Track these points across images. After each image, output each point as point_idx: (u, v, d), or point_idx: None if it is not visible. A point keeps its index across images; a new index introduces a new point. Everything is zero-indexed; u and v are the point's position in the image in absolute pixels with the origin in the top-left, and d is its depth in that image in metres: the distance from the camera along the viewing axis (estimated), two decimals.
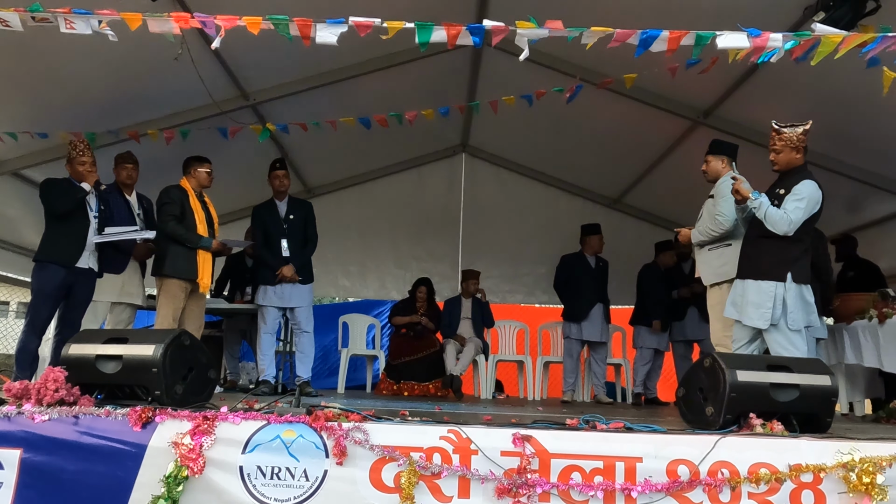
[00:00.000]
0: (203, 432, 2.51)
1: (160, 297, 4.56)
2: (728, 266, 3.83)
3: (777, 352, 3.53)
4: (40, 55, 4.09)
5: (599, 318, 5.94)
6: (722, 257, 3.92)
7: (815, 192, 3.55)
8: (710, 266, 3.99)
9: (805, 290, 3.59)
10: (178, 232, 4.55)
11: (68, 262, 4.16)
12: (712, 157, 4.12)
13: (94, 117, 4.81)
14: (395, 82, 5.49)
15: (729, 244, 3.91)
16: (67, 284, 4.18)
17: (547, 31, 2.92)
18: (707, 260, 4.02)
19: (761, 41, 2.89)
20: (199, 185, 4.75)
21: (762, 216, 3.51)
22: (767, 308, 3.51)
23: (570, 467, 2.49)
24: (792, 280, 3.53)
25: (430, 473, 2.46)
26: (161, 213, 4.61)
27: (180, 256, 4.53)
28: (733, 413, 2.77)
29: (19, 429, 2.56)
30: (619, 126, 5.95)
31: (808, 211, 3.52)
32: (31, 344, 4.13)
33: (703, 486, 2.45)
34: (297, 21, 2.96)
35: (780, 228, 3.48)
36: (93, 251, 4.30)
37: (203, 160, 4.78)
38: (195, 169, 4.74)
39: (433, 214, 7.67)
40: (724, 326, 3.82)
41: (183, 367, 2.96)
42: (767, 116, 5.08)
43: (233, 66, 4.85)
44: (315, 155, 6.66)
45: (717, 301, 3.91)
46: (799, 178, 3.58)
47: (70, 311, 4.25)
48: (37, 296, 4.15)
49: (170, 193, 4.64)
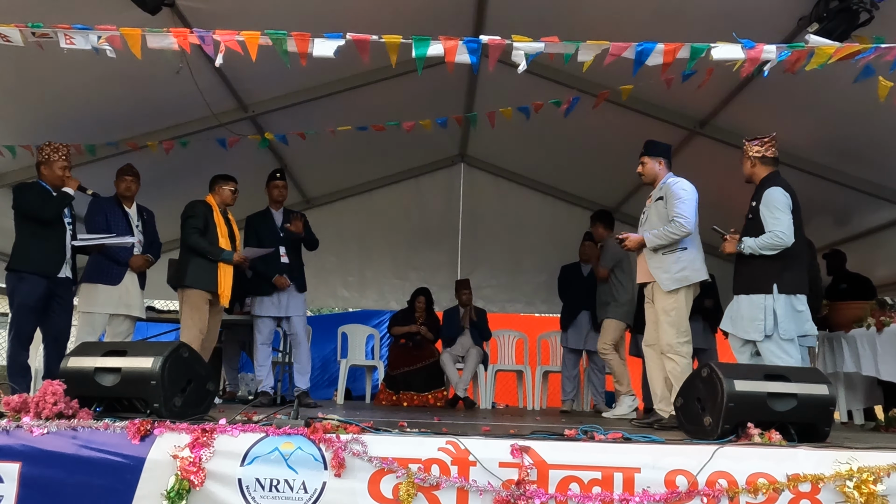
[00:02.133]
0: (202, 445, 2.52)
1: (184, 309, 4.61)
2: (687, 271, 3.86)
3: (772, 361, 3.61)
4: (40, 69, 4.11)
5: (586, 325, 5.92)
6: (680, 262, 3.89)
7: (781, 196, 3.70)
8: (668, 272, 3.90)
9: (795, 299, 3.71)
10: (200, 245, 4.63)
11: (51, 273, 4.15)
12: (648, 158, 4.18)
13: (94, 130, 4.83)
14: (393, 93, 5.51)
15: (685, 248, 3.90)
16: (48, 295, 4.18)
17: (543, 46, 2.95)
18: (664, 265, 3.92)
19: (755, 52, 2.92)
20: (223, 202, 4.84)
21: (759, 252, 3.71)
22: (760, 320, 3.66)
23: (569, 478, 2.49)
24: (778, 291, 3.66)
25: (428, 485, 2.46)
26: (185, 226, 4.68)
27: (202, 268, 4.60)
28: (731, 423, 2.78)
29: (18, 442, 2.57)
30: (616, 136, 5.97)
31: (789, 215, 3.68)
32: (19, 357, 4.12)
33: (701, 497, 2.46)
34: (295, 36, 2.99)
35: (779, 246, 3.65)
36: (68, 260, 4.30)
37: (229, 178, 4.89)
38: (220, 186, 4.84)
39: (432, 224, 7.69)
40: (679, 332, 3.82)
41: (182, 379, 2.97)
42: (765, 125, 5.13)
43: (231, 79, 4.88)
44: (314, 166, 6.68)
45: (673, 307, 3.86)
46: (765, 187, 3.78)
47: (56, 322, 4.25)
48: (19, 309, 4.11)
49: (195, 208, 4.73)
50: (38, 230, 4.18)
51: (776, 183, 3.77)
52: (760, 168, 3.90)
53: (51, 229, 4.21)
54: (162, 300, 6.73)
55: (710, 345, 5.88)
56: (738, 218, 6.32)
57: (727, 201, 6.28)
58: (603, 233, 5.74)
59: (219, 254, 4.66)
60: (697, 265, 3.90)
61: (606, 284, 5.50)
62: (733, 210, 6.32)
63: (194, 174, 5.90)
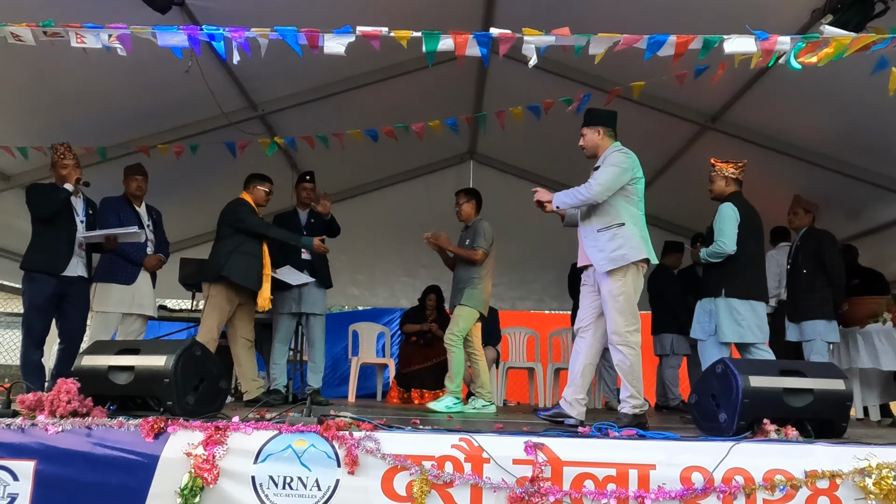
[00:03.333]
0: (215, 442, 2.51)
1: (207, 306, 4.57)
2: (624, 249, 3.41)
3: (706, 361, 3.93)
4: (50, 70, 4.13)
5: None
6: (615, 239, 3.44)
7: (730, 210, 4.05)
8: (602, 251, 3.46)
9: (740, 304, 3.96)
10: (282, 233, 4.69)
11: (56, 271, 4.16)
12: (587, 129, 3.71)
13: (104, 131, 4.86)
14: (403, 91, 5.51)
15: (622, 224, 3.45)
16: (58, 294, 4.18)
17: (554, 39, 2.93)
18: (598, 244, 3.49)
19: (769, 44, 2.89)
20: (255, 202, 4.77)
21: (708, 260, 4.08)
22: (705, 322, 4.02)
23: (583, 475, 2.47)
24: (725, 295, 3.98)
25: (442, 482, 2.45)
26: (251, 218, 4.61)
27: (243, 264, 4.54)
28: (747, 419, 2.76)
29: (33, 440, 2.58)
30: (625, 132, 5.90)
31: (734, 227, 4.01)
32: (32, 356, 4.15)
33: (717, 494, 2.43)
34: (304, 32, 2.99)
35: (721, 254, 4.01)
36: (81, 258, 4.29)
37: (265, 179, 4.84)
38: (255, 186, 4.79)
39: (441, 222, 7.61)
40: (627, 320, 3.40)
41: (194, 377, 2.98)
42: (777, 120, 5.11)
43: (241, 78, 4.88)
44: (323, 164, 6.65)
45: (620, 291, 3.42)
46: (721, 204, 4.15)
47: (69, 320, 4.27)
48: (29, 308, 4.15)
49: (245, 204, 4.67)
50: (45, 229, 4.21)
51: (730, 199, 4.13)
52: (731, 187, 4.21)
53: (58, 228, 4.22)
54: (173, 299, 6.76)
55: None
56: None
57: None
58: (470, 213, 5.10)
59: (298, 239, 4.71)
60: (635, 243, 3.42)
61: (467, 268, 4.92)
62: None
63: (203, 174, 5.93)
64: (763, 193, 6.10)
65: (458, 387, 4.72)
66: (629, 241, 3.43)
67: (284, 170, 6.37)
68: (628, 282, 3.43)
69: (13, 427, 2.61)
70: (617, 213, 3.47)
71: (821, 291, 4.68)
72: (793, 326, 4.78)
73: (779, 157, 5.38)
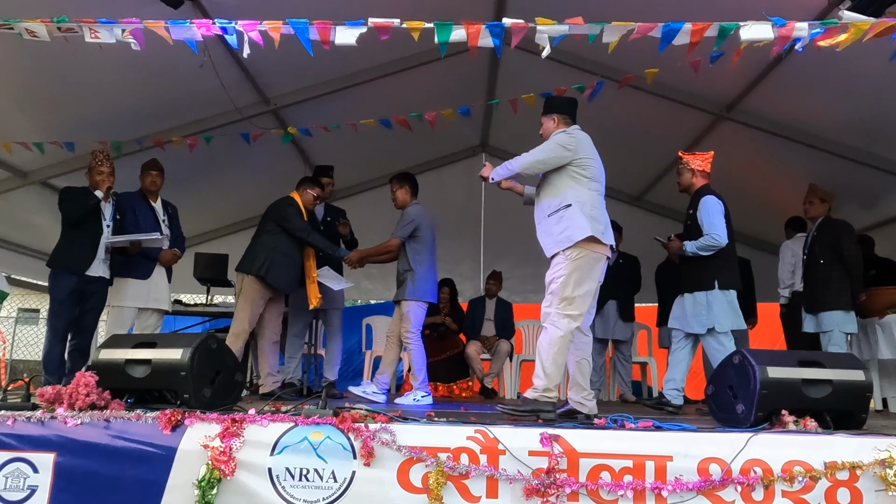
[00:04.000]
0: (232, 434, 2.53)
1: (240, 298, 4.58)
2: (570, 230, 3.29)
3: (711, 354, 3.99)
4: (65, 66, 4.16)
5: (612, 315, 5.84)
6: (562, 221, 3.33)
7: (716, 203, 4.10)
8: (550, 235, 3.37)
9: (731, 295, 4.03)
10: (322, 242, 4.66)
11: (79, 270, 4.29)
12: (544, 117, 3.64)
13: (120, 126, 4.89)
14: (415, 84, 5.50)
15: (568, 205, 3.33)
16: (79, 291, 4.30)
17: (567, 28, 2.90)
18: (548, 229, 3.39)
19: (786, 31, 2.85)
20: (304, 204, 4.78)
21: (698, 253, 4.07)
22: (703, 315, 4.02)
23: (599, 466, 2.47)
24: (719, 287, 4.02)
25: (458, 474, 2.45)
26: (296, 221, 4.60)
27: (282, 266, 4.56)
28: (764, 410, 2.73)
29: (53, 433, 2.61)
30: (639, 122, 5.89)
31: (722, 219, 4.05)
32: (55, 349, 4.26)
33: (735, 485, 2.42)
34: (316, 24, 2.98)
35: (714, 246, 4.02)
36: (104, 259, 4.40)
37: (316, 184, 4.85)
38: (305, 189, 4.81)
39: (454, 215, 7.66)
40: (560, 303, 3.25)
41: (210, 370, 3.00)
42: (793, 109, 5.04)
43: (253, 72, 4.89)
44: (335, 159, 6.68)
45: (560, 273, 3.28)
46: (699, 196, 4.18)
47: (83, 317, 4.39)
48: (53, 303, 4.29)
49: (294, 205, 4.67)
50: (72, 231, 4.35)
51: (710, 192, 4.17)
52: (698, 179, 4.28)
53: (84, 230, 4.34)
54: (188, 294, 6.80)
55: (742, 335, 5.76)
56: (767, 205, 6.24)
57: (756, 188, 6.20)
58: (405, 198, 4.80)
59: (336, 250, 4.73)
60: (580, 223, 3.28)
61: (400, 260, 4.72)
62: (762, 196, 6.26)
63: (218, 170, 5.96)
64: (778, 183, 6.06)
65: (424, 381, 4.64)
66: (574, 222, 3.29)
67: (297, 164, 6.38)
68: (569, 266, 3.27)
69: (33, 420, 2.65)
70: (564, 196, 3.36)
71: (838, 282, 4.62)
72: (810, 317, 4.73)
73: (794, 147, 5.31)
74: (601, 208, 3.40)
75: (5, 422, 2.64)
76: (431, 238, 4.74)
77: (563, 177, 3.40)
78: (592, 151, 3.48)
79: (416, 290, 4.58)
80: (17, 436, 2.61)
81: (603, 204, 3.44)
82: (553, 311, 3.26)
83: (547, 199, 3.44)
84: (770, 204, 6.18)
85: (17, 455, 2.58)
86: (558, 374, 3.21)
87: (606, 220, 3.40)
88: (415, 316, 4.59)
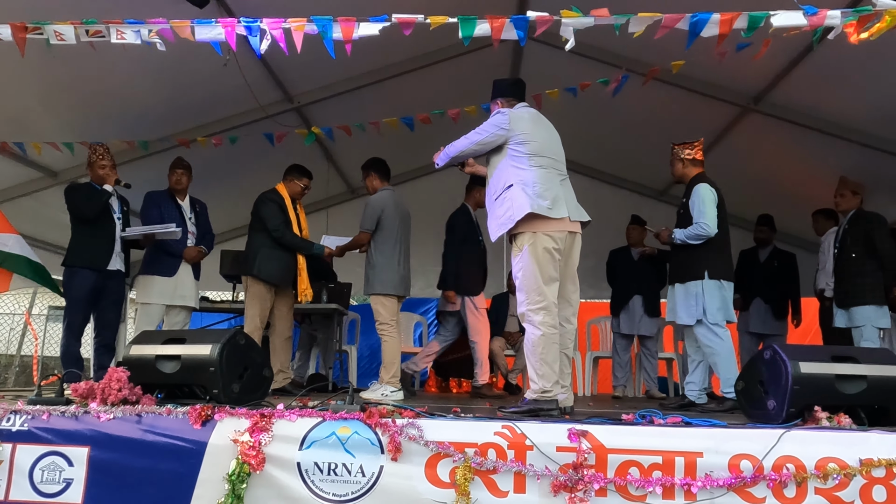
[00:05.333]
0: (261, 429, 2.55)
1: (247, 298, 4.65)
2: (512, 210, 3.17)
3: (705, 344, 3.94)
4: (92, 67, 4.21)
5: (638, 310, 5.79)
6: (504, 203, 3.22)
7: (708, 192, 4.04)
8: (497, 218, 3.27)
9: (722, 284, 3.97)
10: (295, 241, 4.67)
11: (100, 266, 4.33)
12: (492, 103, 3.62)
13: (145, 125, 4.95)
14: (437, 80, 5.49)
15: (510, 186, 3.22)
16: (98, 287, 4.35)
17: (592, 20, 2.87)
18: (494, 213, 3.30)
19: (818, 19, 2.78)
20: (291, 195, 4.81)
21: (687, 242, 4.04)
22: (693, 306, 3.96)
23: (628, 462, 2.45)
24: (709, 277, 3.96)
25: (485, 469, 2.45)
26: (270, 219, 4.61)
27: (272, 260, 4.60)
28: (797, 406, 2.69)
29: (86, 427, 2.66)
30: (664, 115, 5.82)
31: (714, 209, 4.00)
32: (71, 347, 4.32)
33: (767, 482, 2.38)
34: (340, 21, 2.98)
35: (703, 235, 3.98)
36: (119, 253, 4.44)
37: (304, 174, 4.84)
38: (293, 179, 4.81)
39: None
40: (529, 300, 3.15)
41: (239, 365, 3.03)
42: (823, 100, 4.94)
43: (277, 70, 4.92)
44: (359, 156, 6.68)
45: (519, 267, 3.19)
46: (693, 184, 4.14)
47: (104, 312, 4.44)
48: (71, 301, 4.32)
49: (274, 200, 4.68)
50: (87, 227, 4.38)
51: (704, 181, 4.12)
52: (691, 169, 4.25)
53: (99, 225, 4.39)
54: (215, 291, 6.87)
55: (780, 330, 5.67)
56: (795, 198, 6.12)
57: (785, 181, 6.09)
58: (376, 185, 4.73)
59: (311, 248, 4.73)
60: (520, 201, 3.14)
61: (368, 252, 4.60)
62: (791, 189, 6.14)
63: (243, 166, 6.01)
64: (807, 175, 5.94)
65: (396, 376, 4.45)
66: (515, 202, 3.16)
67: (321, 161, 6.41)
68: (526, 256, 3.16)
69: (67, 414, 2.70)
70: (506, 178, 3.25)
71: (871, 276, 4.52)
72: (841, 312, 4.63)
73: (824, 138, 5.20)
74: (548, 183, 3.22)
75: (41, 416, 2.70)
76: (400, 225, 4.56)
77: (502, 158, 3.30)
78: (533, 126, 3.33)
79: (377, 284, 4.45)
80: (52, 430, 2.66)
81: (553, 178, 3.27)
82: (526, 310, 3.17)
83: (492, 184, 3.35)
84: (799, 197, 6.07)
85: (53, 449, 2.63)
86: (552, 371, 3.12)
87: (557, 193, 3.23)
88: (384, 309, 4.44)
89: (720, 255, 4.04)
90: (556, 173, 3.33)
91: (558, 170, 3.36)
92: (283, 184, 4.82)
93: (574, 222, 3.31)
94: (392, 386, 4.41)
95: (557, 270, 3.23)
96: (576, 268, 3.43)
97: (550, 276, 3.18)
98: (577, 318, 3.50)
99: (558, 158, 3.39)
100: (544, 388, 3.08)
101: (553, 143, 3.40)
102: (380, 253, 4.49)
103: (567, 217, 3.23)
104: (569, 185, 3.42)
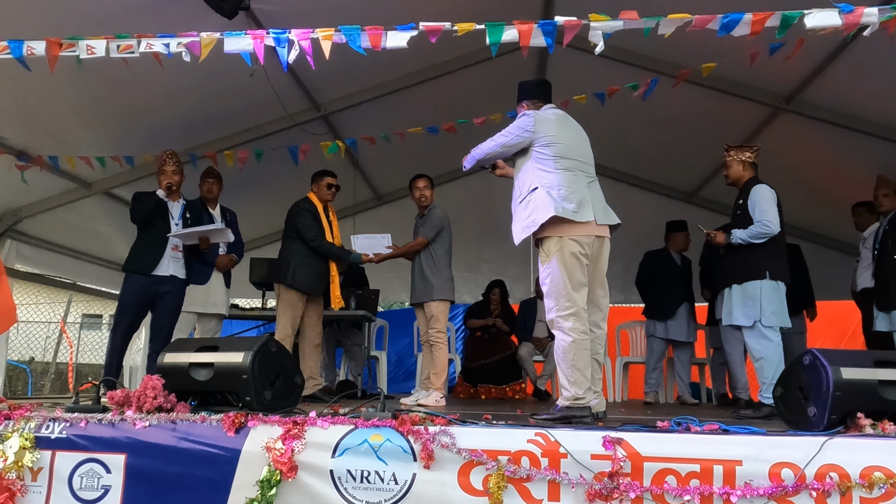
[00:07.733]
0: (294, 437, 2.56)
1: (279, 305, 4.69)
2: (535, 214, 3.12)
3: (755, 347, 3.83)
4: (123, 81, 4.28)
5: (685, 317, 5.71)
6: (528, 206, 3.17)
7: (768, 192, 4.00)
8: (520, 222, 3.23)
9: (782, 286, 3.89)
10: (332, 251, 4.71)
11: (146, 270, 4.30)
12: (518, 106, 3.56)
13: (176, 136, 5.02)
14: (462, 86, 5.48)
15: (534, 188, 3.18)
16: (149, 293, 4.30)
17: (622, 23, 2.84)
18: (518, 216, 3.26)
19: (854, 17, 2.72)
20: (322, 199, 4.84)
21: (749, 241, 3.94)
22: (751, 307, 3.85)
23: (665, 471, 2.40)
24: (770, 277, 3.86)
25: (518, 477, 2.42)
26: (307, 231, 4.66)
27: (305, 269, 4.63)
28: (839, 413, 2.61)
29: (123, 434, 2.70)
30: (693, 116, 5.74)
31: (775, 208, 3.95)
32: (112, 354, 4.34)
33: (809, 491, 2.32)
34: (367, 30, 3.00)
35: (767, 234, 3.90)
36: (174, 257, 4.39)
37: (326, 172, 4.89)
38: (318, 183, 4.87)
39: (502, 216, 7.48)
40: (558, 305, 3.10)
41: (271, 373, 3.04)
42: (858, 97, 4.82)
43: (304, 79, 4.96)
44: (385, 162, 6.74)
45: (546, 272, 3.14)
46: (750, 185, 4.09)
47: (157, 319, 4.40)
48: (119, 306, 4.37)
49: (307, 209, 4.73)
50: (141, 233, 4.42)
51: (761, 182, 4.08)
52: (748, 171, 4.19)
53: (152, 231, 4.38)
54: (245, 298, 6.94)
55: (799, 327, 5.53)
56: (829, 198, 5.99)
57: (819, 181, 5.96)
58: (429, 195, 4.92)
59: (348, 256, 4.79)
60: (545, 202, 3.10)
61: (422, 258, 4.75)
62: (826, 190, 6.01)
63: (270, 174, 6.07)
64: (843, 176, 5.80)
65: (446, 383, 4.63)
66: (540, 205, 3.11)
67: (347, 167, 6.45)
68: (553, 263, 3.11)
69: (104, 422, 2.74)
70: (531, 181, 3.21)
71: None
72: (883, 315, 4.49)
73: (860, 137, 5.08)
74: (574, 186, 3.17)
75: (78, 423, 2.74)
76: (450, 234, 4.86)
77: (527, 160, 3.27)
78: (558, 128, 3.29)
79: (444, 290, 4.68)
80: (89, 437, 2.71)
81: (580, 181, 3.22)
82: (555, 316, 3.12)
83: (517, 186, 3.33)
84: (835, 198, 5.93)
85: (91, 456, 2.68)
86: (583, 378, 3.07)
87: (584, 196, 3.17)
88: (443, 315, 4.67)
89: (780, 257, 3.97)
90: (584, 175, 3.27)
91: (586, 172, 3.30)
92: (312, 191, 4.87)
93: (602, 226, 3.26)
94: (441, 392, 4.54)
95: (586, 275, 3.18)
96: (605, 272, 3.38)
97: (579, 281, 3.13)
98: (606, 323, 3.44)
99: (586, 160, 3.34)
100: (577, 395, 3.04)
101: (581, 145, 3.35)
102: (441, 260, 4.73)
103: (594, 220, 3.18)
104: (597, 188, 3.37)
